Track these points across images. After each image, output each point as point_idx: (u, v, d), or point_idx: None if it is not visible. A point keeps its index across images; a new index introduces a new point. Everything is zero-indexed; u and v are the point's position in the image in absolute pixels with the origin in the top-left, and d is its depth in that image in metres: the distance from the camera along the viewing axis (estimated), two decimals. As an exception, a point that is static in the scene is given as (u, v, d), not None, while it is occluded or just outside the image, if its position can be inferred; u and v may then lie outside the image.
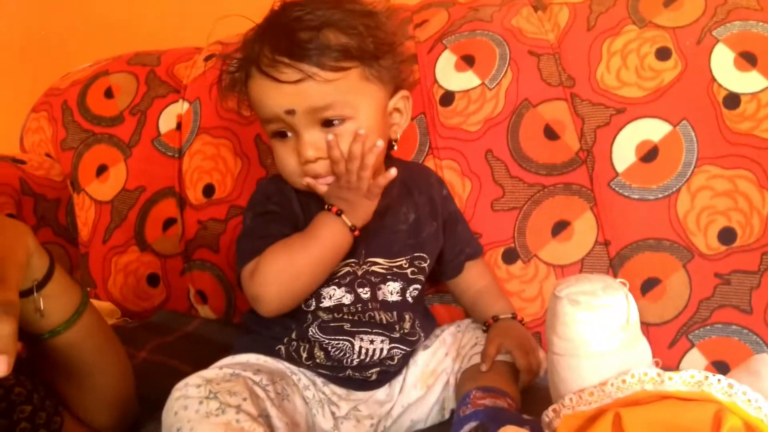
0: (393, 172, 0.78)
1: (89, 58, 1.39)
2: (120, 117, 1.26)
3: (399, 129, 0.89)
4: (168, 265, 1.20)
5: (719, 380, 0.53)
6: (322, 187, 0.82)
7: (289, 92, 0.78)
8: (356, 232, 0.80)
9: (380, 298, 0.85)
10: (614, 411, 0.54)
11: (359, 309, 0.84)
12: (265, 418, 0.72)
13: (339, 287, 0.84)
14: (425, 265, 0.90)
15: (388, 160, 0.92)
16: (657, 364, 0.58)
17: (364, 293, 0.85)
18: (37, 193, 1.22)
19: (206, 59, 1.28)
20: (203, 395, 0.70)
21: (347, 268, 0.85)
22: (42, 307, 0.71)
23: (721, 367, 0.96)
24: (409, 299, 0.88)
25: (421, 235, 0.90)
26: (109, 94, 1.28)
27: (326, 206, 0.81)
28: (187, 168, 1.21)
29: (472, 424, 0.68)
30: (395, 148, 0.91)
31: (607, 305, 0.57)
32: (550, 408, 0.59)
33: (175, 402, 0.70)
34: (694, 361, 0.98)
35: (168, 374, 0.92)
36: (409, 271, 0.88)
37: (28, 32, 1.76)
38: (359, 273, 0.85)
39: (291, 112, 0.78)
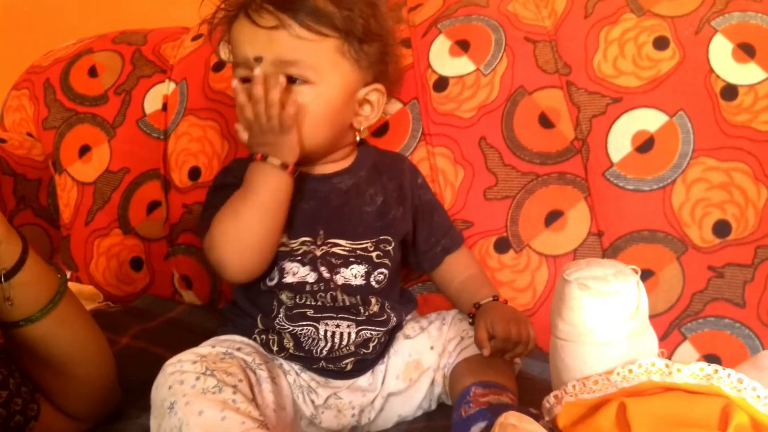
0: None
1: (73, 36, 1.36)
2: (104, 96, 1.23)
3: (365, 121, 0.87)
4: (152, 249, 1.17)
5: (729, 375, 0.52)
6: (243, 134, 0.80)
7: (262, 38, 0.78)
8: (289, 168, 0.78)
9: (340, 282, 0.83)
10: (619, 401, 0.52)
11: (322, 288, 0.82)
12: (254, 403, 0.70)
13: (303, 265, 0.82)
14: (390, 248, 0.86)
15: (362, 146, 0.91)
16: (662, 354, 0.57)
17: (326, 273, 0.82)
18: (18, 172, 1.18)
19: (194, 39, 1.25)
20: (200, 371, 0.69)
21: (303, 247, 0.82)
22: (11, 296, 0.69)
23: (712, 361, 0.93)
24: (374, 284, 0.85)
25: (387, 217, 0.88)
26: (93, 72, 1.25)
27: (251, 156, 0.80)
28: (173, 150, 1.18)
29: (481, 425, 0.66)
30: (358, 139, 0.89)
31: (618, 292, 0.55)
32: (552, 394, 0.57)
33: (170, 377, 0.69)
34: (686, 354, 0.97)
35: (150, 361, 0.90)
36: (374, 254, 0.85)
37: (10, 7, 1.71)
38: (318, 253, 0.83)
39: (258, 60, 0.78)
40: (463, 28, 1.10)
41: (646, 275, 0.98)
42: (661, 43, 1.02)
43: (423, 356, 0.87)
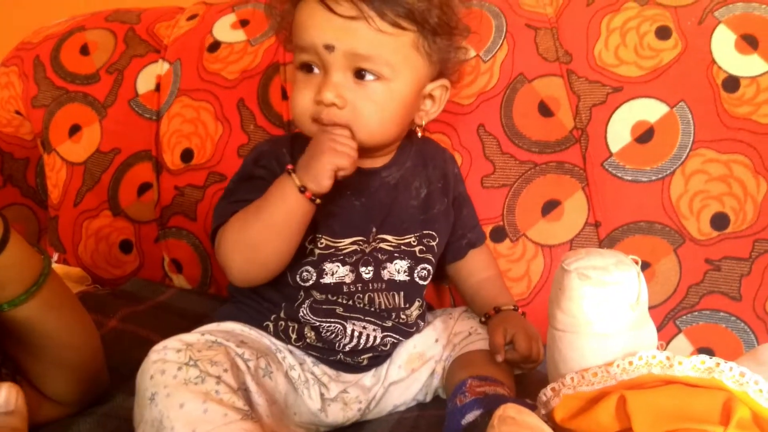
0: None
1: (64, 13, 1.33)
2: (96, 75, 1.21)
3: (426, 117, 0.83)
4: (142, 232, 1.15)
5: (731, 368, 0.51)
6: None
7: (337, 27, 0.72)
8: (307, 194, 0.71)
9: (386, 278, 0.81)
10: (619, 393, 0.51)
11: (359, 288, 0.80)
12: (243, 392, 0.68)
13: (343, 265, 0.79)
14: (434, 243, 0.85)
15: (408, 134, 0.87)
16: (661, 347, 0.56)
17: (366, 273, 0.80)
18: (5, 151, 1.16)
19: (189, 19, 1.23)
20: (183, 361, 0.66)
21: (354, 246, 0.80)
22: None
23: (706, 354, 0.95)
24: (418, 280, 0.83)
25: (431, 211, 0.86)
26: (84, 50, 1.22)
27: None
28: (165, 131, 1.16)
29: (477, 413, 0.65)
30: (419, 135, 0.87)
31: (618, 282, 0.54)
32: (549, 387, 0.56)
33: (152, 365, 0.67)
34: (680, 347, 0.97)
35: (138, 344, 0.89)
36: (417, 249, 0.83)
37: (-1, -18, 1.69)
38: (367, 251, 0.81)
39: (330, 48, 0.73)
40: (463, 14, 1.08)
41: (642, 267, 0.95)
42: (663, 33, 1.01)
43: (427, 348, 0.86)
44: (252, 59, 1.14)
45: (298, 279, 0.79)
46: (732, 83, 0.98)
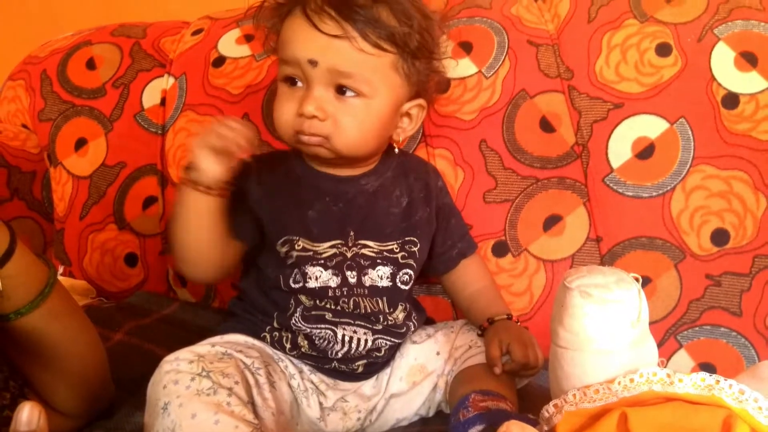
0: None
1: (71, 28, 1.35)
2: (102, 89, 1.22)
3: (403, 133, 0.87)
4: (147, 245, 1.16)
5: (731, 385, 0.52)
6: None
7: (321, 44, 0.76)
8: (199, 187, 0.73)
9: (367, 284, 0.83)
10: (620, 410, 0.52)
11: (345, 293, 0.82)
12: (251, 406, 0.69)
13: (326, 269, 0.82)
14: (416, 249, 0.87)
15: (389, 149, 0.90)
16: (662, 363, 0.56)
17: (352, 277, 0.82)
18: (12, 164, 1.17)
19: (194, 34, 1.24)
20: (196, 372, 0.68)
21: (333, 250, 0.82)
22: (0, 288, 0.67)
23: (707, 370, 0.95)
24: (400, 285, 0.85)
25: (413, 218, 0.88)
26: (91, 65, 1.24)
27: None
28: (171, 145, 1.17)
29: (479, 428, 0.65)
30: (396, 151, 0.90)
31: (619, 300, 0.55)
32: (551, 403, 0.57)
33: (165, 375, 0.68)
34: (682, 362, 0.97)
35: (144, 357, 0.90)
36: (399, 255, 0.85)
37: (7, -3, 1.70)
38: (348, 255, 0.83)
39: (313, 63, 0.76)
40: (466, 30, 1.09)
41: (643, 282, 0.97)
42: (663, 50, 1.02)
43: (429, 361, 0.86)
44: (257, 74, 1.15)
45: (291, 282, 0.81)
46: (731, 100, 0.99)
